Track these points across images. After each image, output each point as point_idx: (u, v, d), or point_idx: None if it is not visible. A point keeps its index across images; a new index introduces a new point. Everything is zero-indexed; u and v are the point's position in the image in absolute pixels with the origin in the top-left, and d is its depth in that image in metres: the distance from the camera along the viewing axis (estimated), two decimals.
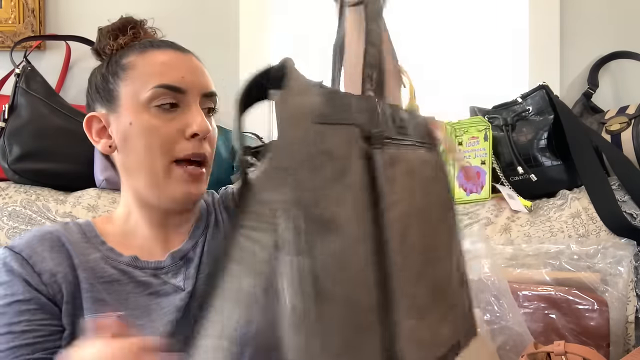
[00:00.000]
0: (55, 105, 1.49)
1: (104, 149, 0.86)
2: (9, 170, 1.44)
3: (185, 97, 0.82)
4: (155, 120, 0.80)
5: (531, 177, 1.46)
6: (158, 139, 0.80)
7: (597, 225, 1.36)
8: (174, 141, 0.81)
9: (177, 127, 0.81)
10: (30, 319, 0.76)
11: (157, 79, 0.81)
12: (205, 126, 0.81)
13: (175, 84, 0.81)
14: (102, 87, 0.85)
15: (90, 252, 0.83)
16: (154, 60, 0.83)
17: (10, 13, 1.67)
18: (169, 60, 0.83)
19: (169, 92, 0.81)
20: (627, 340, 1.26)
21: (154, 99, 0.80)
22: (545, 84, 1.52)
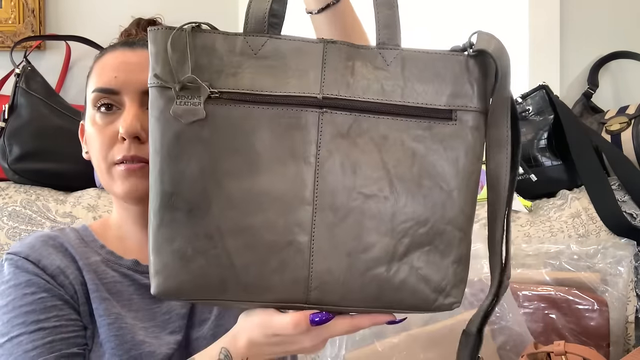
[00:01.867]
0: (55, 105, 1.49)
1: (85, 155, 0.87)
2: (9, 170, 1.44)
3: (120, 98, 0.80)
4: (96, 126, 0.80)
5: (531, 177, 1.46)
6: (98, 144, 0.80)
7: (597, 225, 1.36)
8: (110, 145, 0.79)
9: (112, 130, 0.79)
10: (59, 314, 0.75)
11: (95, 82, 0.81)
12: (130, 128, 0.77)
13: (106, 85, 0.80)
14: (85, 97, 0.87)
15: (91, 255, 0.82)
16: (99, 63, 0.83)
17: (10, 13, 1.67)
18: (109, 61, 0.81)
19: (103, 95, 0.80)
20: (627, 340, 1.26)
21: (94, 103, 0.81)
22: (545, 84, 1.52)
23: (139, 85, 0.79)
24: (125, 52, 0.82)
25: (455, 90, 0.60)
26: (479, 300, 1.21)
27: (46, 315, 0.75)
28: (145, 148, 0.77)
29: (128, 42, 0.84)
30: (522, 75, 1.71)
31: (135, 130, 0.77)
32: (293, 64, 0.58)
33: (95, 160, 0.82)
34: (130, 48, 0.83)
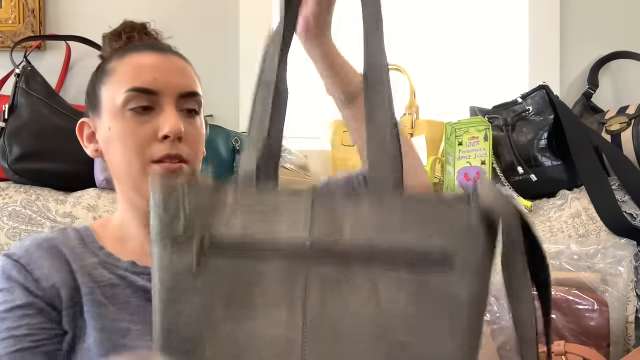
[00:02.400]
0: (55, 105, 1.48)
1: (92, 153, 0.87)
2: (9, 170, 1.44)
3: (158, 99, 0.81)
4: (129, 124, 0.81)
5: (531, 177, 1.46)
6: (132, 142, 0.80)
7: (597, 225, 1.36)
8: (148, 143, 0.80)
9: (151, 129, 0.80)
10: (30, 322, 0.77)
11: (130, 82, 0.81)
12: (176, 127, 0.80)
13: (146, 85, 0.81)
14: (91, 94, 0.87)
15: (88, 257, 0.83)
16: (130, 63, 0.83)
17: (10, 13, 1.67)
18: (144, 62, 0.82)
19: (141, 95, 0.81)
20: (627, 340, 1.26)
21: (128, 102, 0.81)
22: (545, 84, 1.52)
23: (177, 88, 0.82)
24: (157, 55, 0.84)
25: (455, 240, 0.55)
26: None
27: (18, 323, 0.77)
28: (185, 147, 0.81)
29: (155, 47, 0.85)
30: (522, 75, 1.71)
31: (180, 130, 0.80)
32: (283, 212, 0.58)
33: (124, 158, 0.81)
34: (162, 53, 0.84)
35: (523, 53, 1.71)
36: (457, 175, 1.47)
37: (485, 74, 1.78)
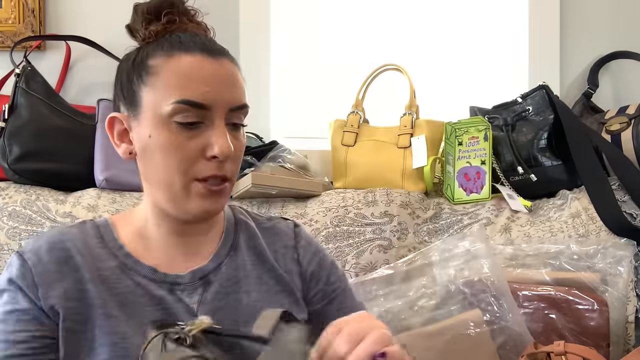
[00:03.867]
0: (55, 105, 1.49)
1: (124, 154, 0.82)
2: (9, 170, 1.44)
3: (209, 113, 0.76)
4: (175, 138, 0.76)
5: (531, 177, 1.46)
6: (177, 158, 0.76)
7: (597, 225, 1.36)
8: (194, 161, 0.76)
9: (198, 146, 0.76)
10: (26, 329, 0.76)
11: (178, 92, 0.75)
12: (227, 149, 0.76)
13: (197, 99, 0.75)
14: (127, 87, 0.80)
15: (106, 259, 0.81)
16: (178, 67, 0.76)
17: (10, 13, 1.67)
18: (194, 70, 0.76)
19: (190, 109, 0.75)
20: (627, 340, 1.26)
21: (175, 115, 0.75)
22: (545, 84, 1.52)
23: (229, 102, 0.77)
24: (209, 61, 0.77)
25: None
26: (479, 301, 1.21)
27: (14, 328, 0.76)
28: (230, 165, 0.78)
29: (207, 48, 0.78)
30: (522, 75, 1.71)
31: (231, 152, 0.76)
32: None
33: (166, 171, 0.77)
34: (213, 57, 0.78)
35: (523, 53, 1.71)
36: (457, 175, 1.47)
37: (485, 74, 1.78)
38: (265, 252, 0.88)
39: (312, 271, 0.91)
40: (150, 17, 0.81)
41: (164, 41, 0.79)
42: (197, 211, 0.78)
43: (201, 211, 0.78)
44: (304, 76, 1.78)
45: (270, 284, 0.86)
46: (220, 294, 0.83)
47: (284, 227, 0.93)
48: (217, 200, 0.79)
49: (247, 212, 0.94)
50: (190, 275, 0.82)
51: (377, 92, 1.63)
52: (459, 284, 1.24)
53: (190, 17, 0.84)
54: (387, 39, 1.78)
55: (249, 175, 1.39)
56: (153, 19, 0.81)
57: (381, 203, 1.42)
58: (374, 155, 1.53)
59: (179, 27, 0.81)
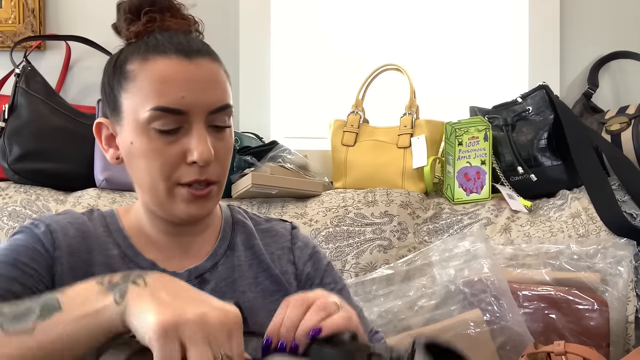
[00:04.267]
0: (55, 105, 1.49)
1: (111, 159, 0.82)
2: (9, 170, 1.44)
3: (187, 118, 0.75)
4: (154, 144, 0.75)
5: (531, 177, 1.46)
6: (158, 164, 0.75)
7: (597, 225, 1.35)
8: (175, 166, 0.76)
9: (178, 151, 0.75)
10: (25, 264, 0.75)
11: (154, 99, 0.74)
12: (206, 154, 0.74)
13: (173, 106, 0.74)
14: (108, 93, 0.80)
15: (111, 247, 0.82)
16: (153, 72, 0.75)
17: (10, 13, 1.67)
18: (169, 74, 0.74)
19: (167, 115, 0.74)
20: (627, 340, 1.26)
21: (152, 121, 0.74)
22: (545, 84, 1.52)
23: (208, 105, 0.76)
24: (184, 63, 0.75)
25: None
26: (479, 301, 1.21)
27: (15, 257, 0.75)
28: (214, 168, 0.77)
29: (183, 49, 0.76)
30: (522, 75, 1.71)
31: (211, 157, 0.75)
32: None
33: (149, 177, 0.77)
34: (189, 59, 0.75)
35: (523, 53, 1.71)
36: (457, 175, 1.47)
37: (485, 74, 1.78)
38: (261, 253, 0.88)
39: (307, 273, 0.90)
40: (131, 16, 0.80)
41: (142, 43, 0.78)
42: (183, 215, 0.78)
43: (186, 215, 0.78)
44: (304, 76, 1.78)
45: (266, 284, 0.86)
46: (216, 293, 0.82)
47: (281, 229, 0.93)
48: (202, 205, 0.78)
49: (245, 212, 0.94)
50: (187, 273, 0.82)
51: (377, 92, 1.63)
52: (459, 284, 1.24)
53: (173, 12, 0.81)
54: (387, 39, 1.78)
55: (249, 175, 1.39)
56: (134, 19, 0.80)
57: (381, 203, 1.42)
58: (374, 155, 1.53)
59: (160, 25, 0.79)
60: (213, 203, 0.81)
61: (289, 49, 1.77)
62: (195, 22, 0.84)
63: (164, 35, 0.78)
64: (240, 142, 1.53)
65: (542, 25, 1.69)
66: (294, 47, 1.78)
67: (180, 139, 0.75)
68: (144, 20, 0.79)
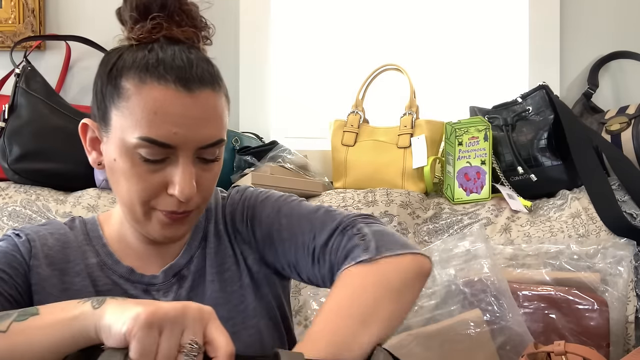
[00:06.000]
0: (55, 105, 1.48)
1: (93, 163, 0.80)
2: (9, 170, 1.44)
3: (175, 151, 0.72)
4: (137, 169, 0.73)
5: (531, 177, 1.46)
6: (138, 188, 0.74)
7: (597, 225, 1.35)
8: (156, 194, 0.75)
9: (161, 180, 0.74)
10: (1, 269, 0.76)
11: (145, 128, 0.71)
12: (188, 192, 0.73)
13: (163, 140, 0.71)
14: (100, 100, 0.77)
15: (90, 256, 0.82)
16: (148, 100, 0.71)
17: (10, 13, 1.67)
18: (164, 106, 0.71)
19: (155, 147, 0.71)
20: (627, 340, 1.26)
21: (139, 148, 0.72)
22: (545, 84, 1.52)
23: (199, 142, 0.73)
24: (181, 96, 0.71)
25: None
26: (479, 301, 1.21)
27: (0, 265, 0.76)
28: (194, 200, 0.75)
29: (183, 79, 0.72)
30: (522, 75, 1.71)
31: (192, 195, 0.74)
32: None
33: (128, 197, 0.75)
34: (188, 91, 0.71)
35: (523, 53, 1.71)
36: (457, 175, 1.47)
37: (485, 74, 1.78)
38: (224, 237, 0.86)
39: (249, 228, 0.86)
40: (137, 16, 0.76)
41: (142, 57, 0.73)
42: (158, 237, 0.78)
43: (161, 237, 0.78)
44: (303, 76, 1.78)
45: (233, 270, 0.85)
46: (193, 287, 0.83)
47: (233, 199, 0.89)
48: (178, 228, 0.78)
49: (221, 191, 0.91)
50: (163, 274, 0.83)
51: (377, 92, 1.63)
52: (459, 284, 1.24)
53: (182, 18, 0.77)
54: (387, 39, 1.78)
55: (249, 175, 1.39)
56: (140, 19, 0.76)
57: (381, 203, 1.42)
58: (374, 155, 1.53)
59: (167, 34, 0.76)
60: (189, 226, 0.80)
61: (289, 49, 1.77)
62: (204, 27, 0.80)
63: (167, 52, 0.73)
64: (240, 142, 1.53)
65: (542, 25, 1.70)
66: (294, 47, 1.78)
67: (165, 168, 0.73)
68: (150, 25, 0.74)
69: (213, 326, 0.58)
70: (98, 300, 0.60)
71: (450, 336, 1.16)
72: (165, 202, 0.75)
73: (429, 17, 1.78)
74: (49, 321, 0.61)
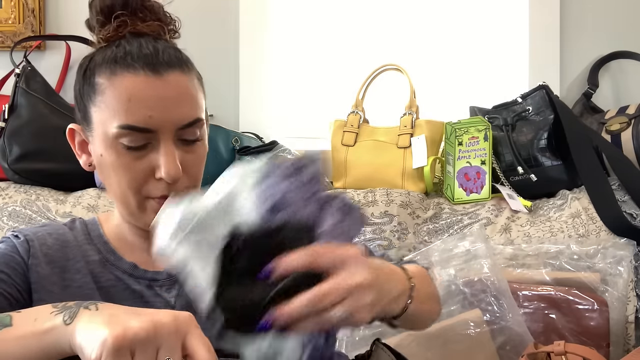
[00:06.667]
0: (55, 105, 1.49)
1: (84, 165, 0.84)
2: (9, 170, 1.44)
3: (155, 135, 0.75)
4: (122, 159, 0.75)
5: (531, 177, 1.46)
6: (127, 178, 0.76)
7: (597, 225, 1.35)
8: (144, 181, 0.76)
9: (146, 167, 0.76)
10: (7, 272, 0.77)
11: (122, 116, 0.74)
12: (173, 172, 0.75)
13: (140, 125, 0.74)
14: (79, 102, 0.81)
15: (91, 254, 0.83)
16: (121, 89, 0.74)
17: (10, 13, 1.67)
18: (136, 92, 0.73)
19: (134, 133, 0.74)
20: (627, 340, 1.26)
21: (120, 138, 0.75)
22: (545, 84, 1.52)
23: (176, 122, 0.75)
24: (151, 80, 0.74)
25: None
26: (479, 301, 1.21)
27: None
28: (183, 181, 0.77)
29: (150, 64, 0.75)
30: (522, 75, 1.71)
31: (178, 174, 0.75)
32: None
33: (119, 190, 0.78)
34: (157, 74, 0.74)
35: (523, 53, 1.71)
36: (457, 175, 1.47)
37: (485, 74, 1.78)
38: None
39: None
40: (102, 19, 0.79)
41: (111, 53, 0.77)
42: None
43: None
44: (303, 76, 1.78)
45: None
46: None
47: None
48: None
49: None
50: (167, 273, 0.83)
51: (377, 92, 1.63)
52: (459, 284, 1.24)
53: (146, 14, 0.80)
54: (387, 39, 1.78)
55: None
56: (105, 22, 0.79)
57: (381, 203, 1.42)
58: (374, 155, 1.53)
59: (132, 30, 0.79)
60: None
61: (288, 48, 1.77)
62: (170, 21, 0.82)
63: (134, 44, 0.77)
64: (240, 142, 1.53)
65: (542, 25, 1.69)
66: (293, 47, 1.78)
67: (149, 154, 0.76)
68: (115, 24, 0.78)
69: (192, 337, 0.57)
70: (70, 313, 0.60)
71: (450, 336, 1.16)
72: (156, 187, 0.77)
73: (429, 17, 1.78)
74: (21, 333, 0.61)
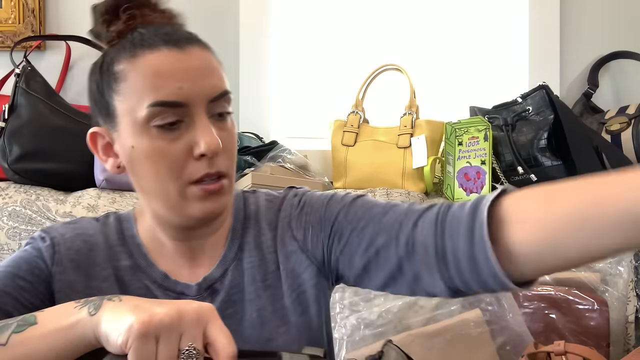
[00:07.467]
0: (55, 105, 1.48)
1: (112, 169, 0.78)
2: (9, 170, 1.44)
3: (187, 110, 0.71)
4: (157, 143, 0.71)
5: (531, 177, 1.46)
6: (165, 164, 0.72)
7: None
8: (183, 163, 0.72)
9: (183, 147, 0.71)
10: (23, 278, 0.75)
11: (151, 94, 0.70)
12: (214, 144, 0.71)
13: (171, 99, 0.70)
14: (99, 99, 0.76)
15: (123, 258, 0.79)
16: (145, 67, 0.71)
17: (10, 13, 1.67)
18: (163, 67, 0.71)
19: (166, 109, 0.70)
20: (627, 340, 1.26)
21: (152, 119, 0.71)
22: (545, 84, 1.52)
23: (207, 93, 0.72)
24: (175, 54, 0.72)
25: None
26: (479, 301, 1.21)
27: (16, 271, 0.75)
28: (222, 159, 0.73)
29: (171, 39, 0.72)
30: (522, 75, 1.71)
31: (218, 146, 0.71)
32: None
33: (157, 180, 0.73)
34: (180, 49, 0.72)
35: (523, 53, 1.71)
36: (457, 175, 1.47)
37: (485, 74, 1.78)
38: (270, 251, 0.81)
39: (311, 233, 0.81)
40: (109, 17, 0.76)
41: (127, 42, 0.74)
42: (199, 214, 0.74)
43: (202, 214, 0.74)
44: (304, 76, 1.78)
45: (275, 287, 0.80)
46: (226, 303, 0.79)
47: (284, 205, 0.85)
48: (216, 200, 0.74)
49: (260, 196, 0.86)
50: (197, 287, 0.79)
51: (377, 92, 1.63)
52: None
53: (152, 7, 0.77)
54: (387, 39, 1.78)
55: (249, 175, 1.39)
56: (113, 19, 0.76)
57: None
58: (374, 155, 1.53)
59: (142, 21, 0.76)
60: (227, 197, 0.76)
61: (288, 49, 1.77)
62: (175, 15, 0.80)
63: (149, 29, 0.75)
64: (240, 142, 1.53)
65: (542, 25, 1.70)
66: (293, 47, 1.78)
67: (183, 133, 0.72)
68: (124, 18, 0.75)
69: (213, 326, 0.57)
70: (95, 305, 0.60)
71: (450, 336, 1.16)
72: (196, 168, 0.72)
73: (429, 17, 1.78)
74: (47, 330, 0.61)
